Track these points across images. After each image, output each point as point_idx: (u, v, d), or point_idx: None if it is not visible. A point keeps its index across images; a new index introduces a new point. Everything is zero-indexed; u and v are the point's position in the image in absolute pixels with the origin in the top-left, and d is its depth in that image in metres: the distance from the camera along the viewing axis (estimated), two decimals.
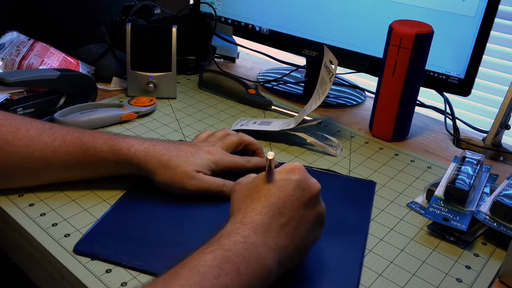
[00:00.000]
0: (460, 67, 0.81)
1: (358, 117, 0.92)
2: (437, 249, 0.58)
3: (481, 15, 0.76)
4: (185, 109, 0.89)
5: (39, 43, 0.89)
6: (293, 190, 0.48)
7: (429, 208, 0.61)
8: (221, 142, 0.67)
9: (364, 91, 1.03)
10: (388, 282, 0.53)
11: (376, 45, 0.87)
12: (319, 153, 0.77)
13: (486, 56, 0.81)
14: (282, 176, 0.49)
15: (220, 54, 1.14)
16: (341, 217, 0.62)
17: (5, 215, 0.59)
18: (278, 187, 0.48)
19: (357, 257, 0.55)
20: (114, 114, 0.81)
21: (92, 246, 0.54)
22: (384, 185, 0.70)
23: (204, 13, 1.06)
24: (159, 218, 0.59)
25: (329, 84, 0.72)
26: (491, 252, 0.58)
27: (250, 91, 0.93)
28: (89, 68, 0.94)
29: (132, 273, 0.51)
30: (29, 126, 0.60)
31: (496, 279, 0.55)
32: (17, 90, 0.82)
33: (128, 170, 0.61)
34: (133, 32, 0.87)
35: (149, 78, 0.90)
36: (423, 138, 0.86)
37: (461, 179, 0.62)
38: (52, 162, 0.60)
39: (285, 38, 0.99)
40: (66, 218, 0.59)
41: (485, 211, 0.59)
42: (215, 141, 0.67)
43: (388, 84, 0.79)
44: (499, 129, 0.79)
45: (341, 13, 0.90)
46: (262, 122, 0.82)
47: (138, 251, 0.54)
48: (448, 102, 0.91)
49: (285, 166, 0.51)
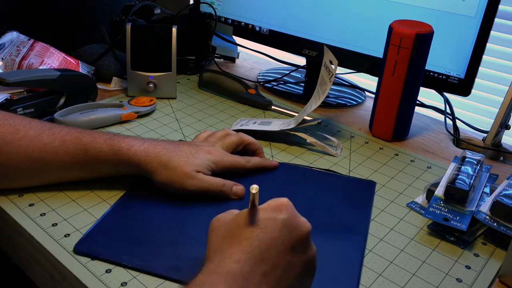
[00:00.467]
0: (460, 67, 0.81)
1: (358, 117, 0.92)
2: (437, 249, 0.58)
3: (481, 15, 0.76)
4: (185, 109, 0.89)
5: (39, 43, 0.89)
6: (279, 231, 0.42)
7: (429, 208, 0.61)
8: (221, 142, 0.67)
9: (364, 91, 1.03)
10: (388, 282, 0.53)
11: (376, 45, 0.87)
12: (319, 153, 0.77)
13: (486, 56, 0.81)
14: (267, 215, 0.43)
15: (220, 54, 1.14)
16: (341, 217, 0.62)
17: (5, 215, 0.59)
18: (261, 228, 0.42)
19: (357, 257, 0.55)
20: (114, 114, 0.81)
21: (92, 246, 0.54)
22: (384, 185, 0.70)
23: (204, 13, 1.06)
24: (159, 218, 0.59)
25: (329, 84, 0.72)
26: (491, 252, 0.58)
27: (250, 91, 0.93)
28: (89, 68, 0.94)
29: (132, 273, 0.51)
30: (29, 126, 0.60)
31: (496, 279, 0.55)
32: (17, 90, 0.82)
33: (128, 170, 0.61)
34: (133, 32, 0.87)
35: (149, 78, 0.90)
36: (423, 138, 0.86)
37: (461, 179, 0.62)
38: (52, 163, 0.60)
39: (285, 38, 0.99)
40: (66, 218, 0.59)
41: (485, 211, 0.59)
42: (215, 141, 0.67)
43: (388, 84, 0.79)
44: (499, 129, 0.79)
45: (341, 13, 0.90)
46: (262, 122, 0.82)
47: (138, 251, 0.54)
48: (448, 102, 0.91)
49: (271, 202, 0.45)
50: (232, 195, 0.63)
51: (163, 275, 0.51)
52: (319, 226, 0.60)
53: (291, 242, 0.43)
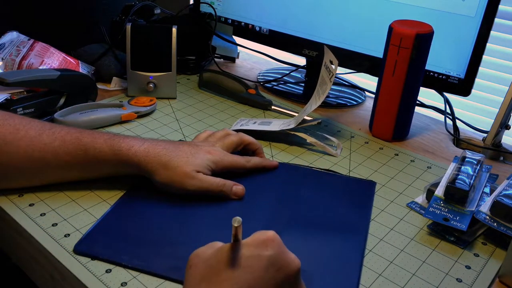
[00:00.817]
0: (460, 67, 0.81)
1: (358, 117, 0.92)
2: (437, 249, 0.58)
3: (481, 15, 0.76)
4: (185, 109, 0.89)
5: (39, 43, 0.89)
6: (264, 270, 0.38)
7: (429, 208, 0.61)
8: (221, 142, 0.67)
9: (364, 91, 1.03)
10: (388, 282, 0.53)
11: (376, 45, 0.87)
12: (319, 153, 0.77)
13: (486, 56, 0.81)
14: (251, 252, 0.39)
15: (220, 54, 1.14)
16: (341, 217, 0.62)
17: (5, 215, 0.59)
18: (245, 266, 0.38)
19: (357, 257, 0.55)
20: (114, 114, 0.81)
21: (92, 246, 0.54)
22: (384, 185, 0.70)
23: (204, 13, 1.06)
24: (159, 218, 0.59)
25: (329, 84, 0.72)
26: (491, 252, 0.58)
27: (250, 91, 0.93)
28: (89, 68, 0.94)
29: (132, 273, 0.51)
30: (29, 126, 0.60)
31: (496, 279, 0.55)
32: (17, 90, 0.82)
33: (128, 170, 0.61)
34: (133, 32, 0.87)
35: (149, 78, 0.90)
36: (423, 138, 0.86)
37: (461, 179, 0.62)
38: (51, 163, 0.60)
39: (285, 38, 0.99)
40: (66, 218, 0.59)
41: (485, 211, 0.59)
42: (215, 141, 0.67)
43: (388, 84, 0.79)
44: (499, 129, 0.79)
45: (341, 13, 0.90)
46: (262, 122, 0.82)
47: (138, 251, 0.54)
48: (448, 102, 0.91)
49: (256, 236, 0.40)
50: (232, 195, 0.63)
51: (163, 275, 0.51)
52: (319, 226, 0.60)
53: (278, 282, 0.39)
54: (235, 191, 0.63)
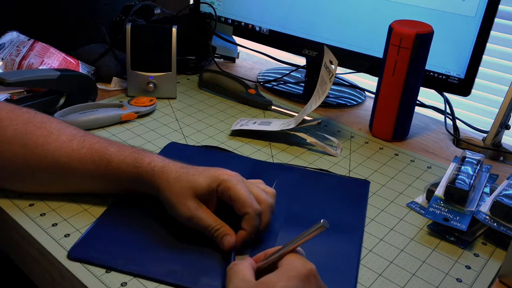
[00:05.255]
0: (460, 67, 0.81)
1: (358, 117, 0.92)
2: (437, 249, 0.58)
3: (481, 15, 0.76)
4: (185, 109, 0.89)
5: (39, 43, 0.89)
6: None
7: (429, 208, 0.61)
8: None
9: (364, 91, 1.03)
10: (388, 282, 0.53)
11: (376, 45, 0.87)
12: (319, 153, 0.77)
13: (486, 56, 0.81)
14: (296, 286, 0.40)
15: (220, 54, 1.14)
16: (337, 216, 0.62)
17: (5, 215, 0.59)
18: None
19: (354, 256, 0.55)
20: (114, 114, 0.81)
21: (86, 252, 0.53)
22: (384, 185, 0.70)
23: (204, 13, 1.06)
24: (153, 222, 0.58)
25: (329, 84, 0.72)
26: (491, 252, 0.58)
27: (250, 91, 0.93)
28: (89, 68, 0.94)
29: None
30: (62, 131, 0.59)
31: (496, 279, 0.55)
32: (17, 90, 0.82)
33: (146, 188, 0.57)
34: (133, 32, 0.87)
35: (149, 78, 0.90)
36: (423, 138, 0.86)
37: (461, 179, 0.62)
38: (76, 169, 0.58)
39: (285, 38, 0.99)
40: (66, 218, 0.59)
41: (485, 211, 0.59)
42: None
43: (388, 84, 0.79)
44: (499, 129, 0.79)
45: (341, 13, 0.90)
46: (262, 122, 0.82)
47: (133, 255, 0.53)
48: (448, 102, 0.91)
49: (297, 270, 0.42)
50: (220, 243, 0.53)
51: (160, 279, 0.50)
52: None
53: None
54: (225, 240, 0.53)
